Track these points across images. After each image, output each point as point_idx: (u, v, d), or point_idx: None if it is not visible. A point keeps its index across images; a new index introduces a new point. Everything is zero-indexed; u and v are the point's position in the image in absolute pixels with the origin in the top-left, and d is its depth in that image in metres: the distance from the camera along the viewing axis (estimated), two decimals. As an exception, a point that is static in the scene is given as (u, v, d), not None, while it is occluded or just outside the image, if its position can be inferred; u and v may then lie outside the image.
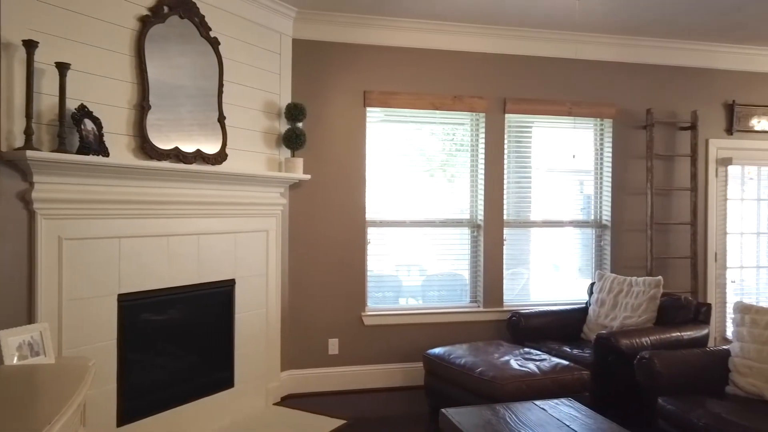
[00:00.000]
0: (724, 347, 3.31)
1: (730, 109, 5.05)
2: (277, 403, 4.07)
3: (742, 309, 3.24)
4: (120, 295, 3.03)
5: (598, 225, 4.95)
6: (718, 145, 5.03)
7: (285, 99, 4.16)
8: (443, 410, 2.47)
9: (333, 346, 4.38)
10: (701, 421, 2.74)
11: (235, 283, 3.77)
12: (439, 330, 4.56)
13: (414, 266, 4.67)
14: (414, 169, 4.59)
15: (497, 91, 4.64)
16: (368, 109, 4.44)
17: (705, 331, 3.93)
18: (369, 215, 4.49)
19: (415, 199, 4.60)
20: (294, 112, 4.01)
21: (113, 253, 2.99)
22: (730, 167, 5.08)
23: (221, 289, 3.70)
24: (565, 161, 4.86)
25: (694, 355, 3.24)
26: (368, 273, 4.51)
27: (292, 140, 4.02)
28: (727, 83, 5.06)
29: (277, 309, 4.11)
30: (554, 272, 4.93)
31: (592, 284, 4.53)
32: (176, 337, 3.47)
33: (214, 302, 3.67)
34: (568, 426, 2.31)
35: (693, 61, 4.95)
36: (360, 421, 3.77)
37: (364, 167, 4.43)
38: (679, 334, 3.82)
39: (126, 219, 3.06)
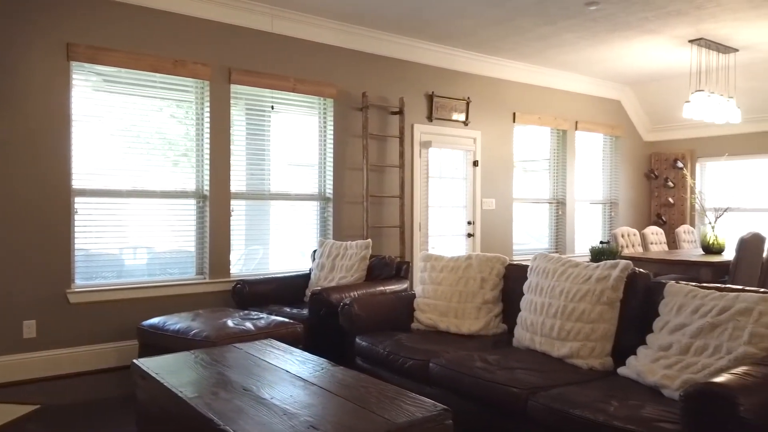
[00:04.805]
0: (412, 292, 3.84)
1: (430, 99, 5.88)
2: (-52, 400, 3.42)
3: (425, 258, 3.82)
4: None
5: (322, 198, 5.29)
6: (421, 130, 5.81)
7: (-42, 39, 3.51)
8: (134, 360, 2.36)
9: (29, 328, 3.85)
10: (385, 350, 3.15)
11: None
12: (161, 304, 4.35)
13: (136, 240, 4.37)
14: (136, 138, 4.29)
15: (222, 60, 4.62)
16: (74, 63, 4.01)
17: (405, 285, 4.50)
18: (77, 183, 4.06)
19: (136, 168, 4.30)
20: (-30, 55, 3.41)
21: None
22: (430, 149, 5.92)
23: None
24: (300, 143, 5.08)
25: (388, 299, 3.70)
26: (77, 246, 4.07)
27: (-32, 87, 3.41)
28: (428, 76, 5.89)
29: (-52, 288, 3.44)
30: (289, 243, 5.12)
31: (315, 251, 4.83)
32: None
33: None
34: (261, 359, 2.42)
35: (400, 53, 5.64)
36: (57, 405, 3.38)
37: (70, 128, 3.99)
38: (383, 288, 4.31)
39: None
